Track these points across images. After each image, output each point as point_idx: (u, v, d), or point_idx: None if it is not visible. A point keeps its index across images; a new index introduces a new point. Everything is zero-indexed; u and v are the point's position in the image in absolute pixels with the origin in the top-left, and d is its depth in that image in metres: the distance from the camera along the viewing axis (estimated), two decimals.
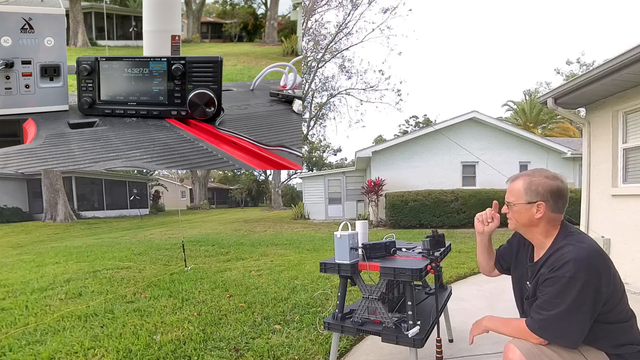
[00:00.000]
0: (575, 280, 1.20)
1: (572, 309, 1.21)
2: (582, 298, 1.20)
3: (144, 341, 2.61)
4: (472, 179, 12.87)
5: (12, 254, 7.59)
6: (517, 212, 1.44)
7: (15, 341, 2.68)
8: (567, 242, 1.32)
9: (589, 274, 1.21)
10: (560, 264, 1.25)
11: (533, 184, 1.39)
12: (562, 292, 1.22)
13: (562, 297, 1.22)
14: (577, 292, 1.20)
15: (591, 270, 1.21)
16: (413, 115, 37.45)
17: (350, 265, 1.89)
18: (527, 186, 1.40)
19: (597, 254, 1.26)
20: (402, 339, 1.74)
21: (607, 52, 44.41)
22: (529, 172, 1.45)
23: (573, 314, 1.22)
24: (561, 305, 1.22)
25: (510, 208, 1.47)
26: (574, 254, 1.24)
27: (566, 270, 1.22)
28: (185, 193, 37.46)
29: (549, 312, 1.24)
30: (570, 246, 1.29)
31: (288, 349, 2.46)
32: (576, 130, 21.95)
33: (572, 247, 1.27)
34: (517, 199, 1.44)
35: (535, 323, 1.29)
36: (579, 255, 1.23)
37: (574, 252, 1.25)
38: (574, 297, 1.20)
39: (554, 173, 1.42)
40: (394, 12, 21.02)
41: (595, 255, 1.25)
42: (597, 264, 1.24)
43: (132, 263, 5.70)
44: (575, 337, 1.24)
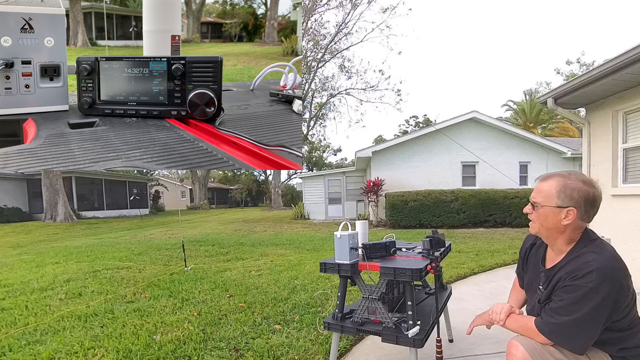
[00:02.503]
0: (597, 292, 1.16)
1: (588, 318, 1.18)
2: (600, 310, 1.17)
3: (144, 341, 2.61)
4: (472, 179, 12.87)
5: (12, 254, 7.59)
6: (543, 215, 1.33)
7: (15, 341, 2.68)
8: (591, 250, 1.26)
9: (612, 287, 1.17)
10: (583, 272, 1.20)
11: (568, 187, 1.28)
12: (580, 300, 1.19)
13: (580, 305, 1.19)
14: (596, 303, 1.17)
15: (614, 283, 1.18)
16: (413, 115, 37.51)
17: (350, 265, 1.89)
18: (560, 188, 1.29)
19: (620, 265, 1.22)
20: (402, 339, 1.74)
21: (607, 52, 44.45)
22: (564, 174, 1.33)
23: (587, 323, 1.19)
24: (577, 313, 1.19)
25: (536, 209, 1.35)
26: (599, 263, 1.19)
27: (589, 280, 1.18)
28: (185, 193, 37.45)
29: (564, 317, 1.21)
30: (593, 254, 1.23)
31: (288, 349, 2.46)
32: (576, 130, 21.94)
33: (596, 257, 1.22)
34: (546, 200, 1.32)
35: (545, 325, 1.26)
36: (604, 266, 1.19)
37: (599, 261, 1.20)
38: (592, 307, 1.17)
39: (591, 179, 1.31)
40: (393, 12, 21.04)
41: (618, 268, 1.21)
42: (619, 277, 1.20)
43: (132, 263, 5.70)
44: (584, 345, 1.22)
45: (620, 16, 56.56)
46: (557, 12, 67.86)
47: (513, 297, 1.66)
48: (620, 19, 58.00)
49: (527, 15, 73.13)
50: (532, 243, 1.55)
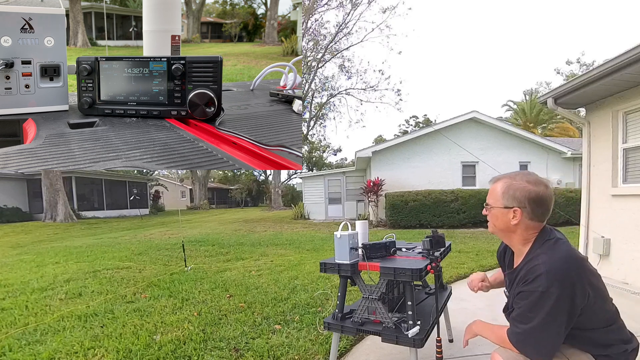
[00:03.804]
0: (547, 295, 1.16)
1: (545, 323, 1.17)
2: (555, 312, 1.16)
3: (144, 341, 2.61)
4: (472, 179, 12.87)
5: (12, 254, 7.59)
6: (494, 216, 1.37)
7: (15, 341, 2.68)
8: (541, 252, 1.26)
9: (562, 287, 1.15)
10: (532, 277, 1.20)
11: (512, 187, 1.31)
12: (534, 306, 1.18)
13: (535, 311, 1.18)
14: (549, 307, 1.15)
15: (564, 283, 1.16)
16: (413, 115, 37.57)
17: (350, 265, 1.89)
18: (505, 189, 1.32)
19: (571, 265, 1.20)
20: (402, 339, 1.74)
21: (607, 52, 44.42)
22: (511, 175, 1.36)
23: (546, 329, 1.18)
24: (534, 320, 1.18)
25: (488, 210, 1.40)
26: (547, 266, 1.19)
27: (538, 285, 1.17)
28: (185, 193, 37.45)
29: (524, 325, 1.21)
30: (543, 256, 1.23)
31: (288, 349, 2.46)
32: (576, 130, 21.94)
33: (546, 258, 1.21)
34: (494, 201, 1.37)
35: (513, 336, 1.26)
36: (551, 267, 1.18)
37: (547, 264, 1.19)
38: (547, 311, 1.16)
39: (539, 178, 1.32)
40: (393, 12, 21.04)
41: (568, 267, 1.19)
42: (570, 276, 1.18)
43: (132, 263, 5.70)
44: (548, 351, 1.20)
45: (620, 16, 56.55)
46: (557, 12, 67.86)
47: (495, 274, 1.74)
48: (620, 19, 57.99)
49: (527, 15, 73.14)
50: (506, 245, 1.55)
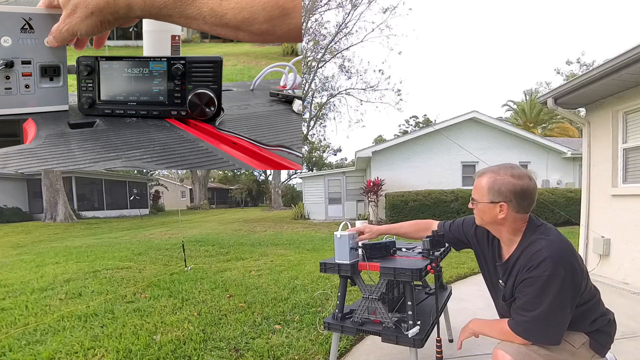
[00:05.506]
0: (554, 278, 1.19)
1: (554, 306, 1.20)
2: (563, 294, 1.19)
3: (144, 341, 2.61)
4: (472, 179, 12.80)
5: (12, 254, 7.59)
6: (481, 211, 1.39)
7: (15, 341, 2.68)
8: (538, 237, 1.29)
9: (565, 269, 1.20)
10: (536, 262, 1.23)
11: (497, 182, 1.32)
12: (542, 291, 1.21)
13: (542, 296, 1.21)
14: (557, 289, 1.19)
15: (566, 265, 1.20)
16: (413, 115, 37.63)
17: (350, 265, 1.89)
18: (490, 185, 1.34)
19: (566, 245, 1.26)
20: (402, 339, 1.74)
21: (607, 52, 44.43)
22: (494, 169, 1.37)
23: (555, 312, 1.20)
24: (543, 305, 1.20)
25: (475, 205, 1.41)
26: (549, 250, 1.22)
27: (544, 269, 1.20)
28: (185, 193, 37.45)
29: (531, 312, 1.23)
30: (542, 241, 1.26)
31: (288, 349, 2.46)
32: (576, 130, 21.95)
33: (546, 243, 1.25)
34: (480, 197, 1.38)
35: (518, 325, 1.27)
36: (554, 251, 1.22)
37: (549, 248, 1.23)
38: (555, 294, 1.19)
39: (522, 171, 1.34)
40: (393, 12, 21.05)
41: (565, 248, 1.25)
42: (570, 257, 1.23)
43: (132, 263, 5.70)
44: (558, 334, 1.24)
45: (620, 16, 56.55)
46: (557, 12, 67.85)
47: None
48: (620, 19, 57.99)
49: (527, 15, 73.14)
50: (484, 232, 1.56)
